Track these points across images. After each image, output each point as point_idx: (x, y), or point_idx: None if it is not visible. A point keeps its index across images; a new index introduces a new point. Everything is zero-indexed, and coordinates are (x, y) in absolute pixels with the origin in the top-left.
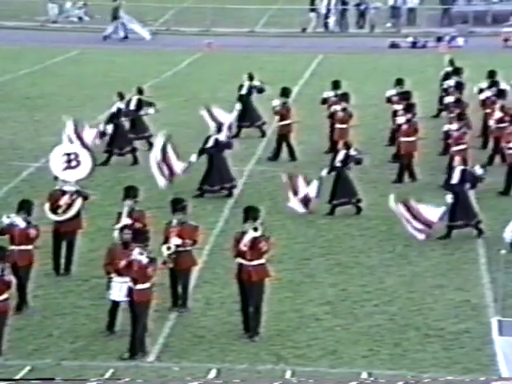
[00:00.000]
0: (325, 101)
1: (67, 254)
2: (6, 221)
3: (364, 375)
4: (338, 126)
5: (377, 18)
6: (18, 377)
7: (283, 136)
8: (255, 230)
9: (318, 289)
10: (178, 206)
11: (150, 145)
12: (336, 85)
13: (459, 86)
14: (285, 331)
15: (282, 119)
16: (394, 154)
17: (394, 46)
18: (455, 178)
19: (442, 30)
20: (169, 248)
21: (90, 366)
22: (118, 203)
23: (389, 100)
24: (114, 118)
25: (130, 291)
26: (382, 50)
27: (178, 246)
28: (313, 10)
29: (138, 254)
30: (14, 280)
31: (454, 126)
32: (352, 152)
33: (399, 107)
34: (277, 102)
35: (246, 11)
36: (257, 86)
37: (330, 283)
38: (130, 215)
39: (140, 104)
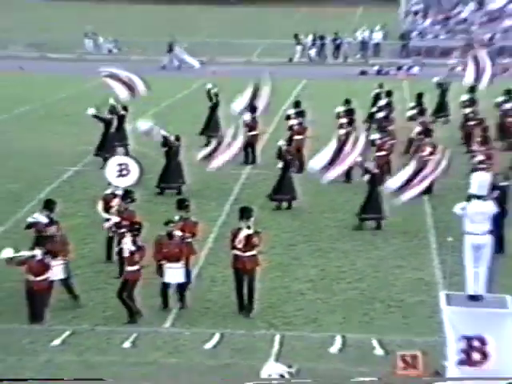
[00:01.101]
0: (288, 117)
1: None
2: (31, 219)
3: (338, 338)
4: (295, 137)
5: (349, 50)
6: (59, 340)
7: (251, 144)
8: (248, 228)
9: (303, 269)
10: (181, 204)
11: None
12: (297, 104)
13: (389, 105)
14: (275, 304)
15: (250, 130)
16: None
17: (362, 73)
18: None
19: (401, 61)
20: None
21: (117, 331)
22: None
23: (338, 115)
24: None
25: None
26: (353, 76)
27: (181, 237)
28: (298, 44)
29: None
30: (52, 263)
31: (377, 136)
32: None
33: (344, 121)
34: (248, 117)
35: (244, 45)
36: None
37: (312, 265)
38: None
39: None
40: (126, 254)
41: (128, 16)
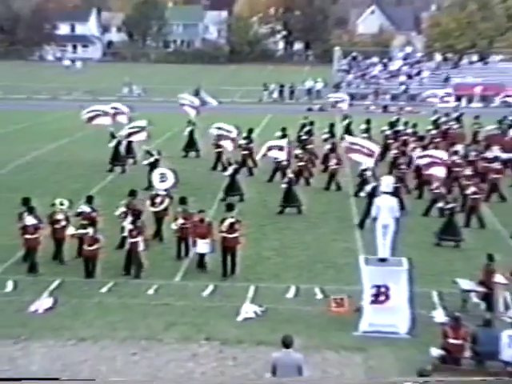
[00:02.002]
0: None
1: (157, 226)
2: (79, 209)
3: (293, 288)
4: (242, 152)
5: (299, 94)
6: (105, 288)
7: (219, 155)
8: (232, 217)
9: (269, 242)
10: (183, 200)
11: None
12: (250, 131)
13: (310, 131)
14: (250, 265)
15: (217, 147)
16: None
17: (309, 109)
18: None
19: (345, 97)
20: (176, 225)
21: (144, 283)
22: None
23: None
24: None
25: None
26: (302, 112)
27: (182, 224)
28: (265, 90)
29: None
30: (101, 237)
31: (299, 151)
32: None
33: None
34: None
35: (229, 90)
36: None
37: (275, 238)
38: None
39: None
40: (126, 232)
41: (152, 72)
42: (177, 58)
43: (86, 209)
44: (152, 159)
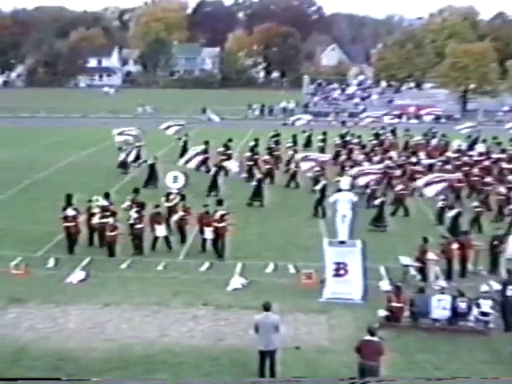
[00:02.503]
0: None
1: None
2: (99, 203)
3: (271, 264)
4: (221, 157)
5: (277, 112)
6: (125, 264)
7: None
8: (222, 210)
9: (253, 228)
10: (182, 197)
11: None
12: (229, 140)
13: (277, 141)
14: (238, 247)
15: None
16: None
17: (284, 124)
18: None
19: (305, 117)
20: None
21: (154, 261)
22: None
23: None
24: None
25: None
26: (278, 126)
27: (181, 216)
28: (249, 109)
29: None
30: (120, 225)
31: (267, 157)
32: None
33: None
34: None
35: (222, 109)
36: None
37: (257, 226)
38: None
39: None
40: (132, 220)
41: (161, 95)
42: (180, 84)
43: (104, 203)
44: (150, 162)
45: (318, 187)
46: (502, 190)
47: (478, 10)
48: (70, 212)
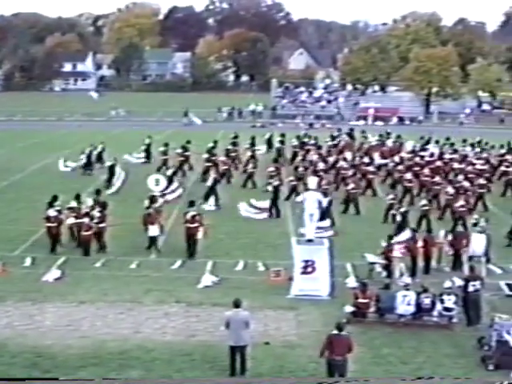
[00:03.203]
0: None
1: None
2: (89, 204)
3: (241, 262)
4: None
5: (246, 114)
6: (99, 263)
7: (181, 165)
8: (193, 211)
9: (223, 228)
10: (152, 199)
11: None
12: (188, 142)
13: (235, 143)
14: (209, 245)
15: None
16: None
17: (253, 126)
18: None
19: (272, 121)
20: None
21: (128, 260)
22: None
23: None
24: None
25: None
26: (248, 128)
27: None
28: (219, 112)
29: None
30: (94, 225)
31: (224, 158)
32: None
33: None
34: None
35: (193, 113)
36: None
37: (227, 225)
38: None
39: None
40: (96, 218)
41: (134, 98)
42: (152, 87)
43: (74, 204)
44: (109, 163)
45: (270, 187)
46: (450, 189)
47: (441, 16)
48: (52, 213)
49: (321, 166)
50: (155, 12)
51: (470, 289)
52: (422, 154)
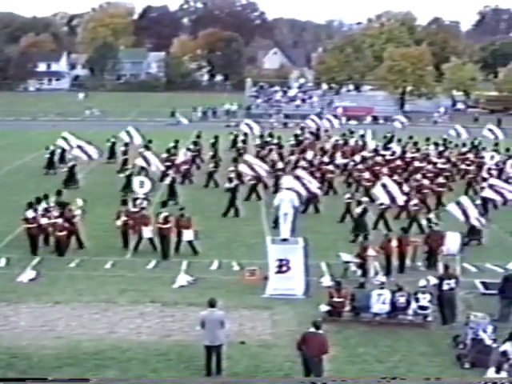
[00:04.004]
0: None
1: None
2: (79, 205)
3: (216, 262)
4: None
5: (220, 114)
6: (74, 263)
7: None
8: (165, 212)
9: (197, 227)
10: (124, 202)
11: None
12: (149, 142)
13: (196, 142)
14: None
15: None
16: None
17: (227, 126)
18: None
19: (246, 120)
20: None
21: (103, 260)
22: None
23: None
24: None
25: None
26: (222, 128)
27: (125, 220)
28: (194, 111)
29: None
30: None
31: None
32: None
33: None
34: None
35: (167, 111)
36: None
37: (202, 224)
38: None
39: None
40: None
41: (108, 98)
42: (126, 87)
43: (45, 205)
44: (70, 164)
45: (229, 186)
46: (405, 188)
47: (415, 16)
48: (30, 214)
49: (280, 165)
50: (129, 11)
51: (445, 287)
52: (383, 152)
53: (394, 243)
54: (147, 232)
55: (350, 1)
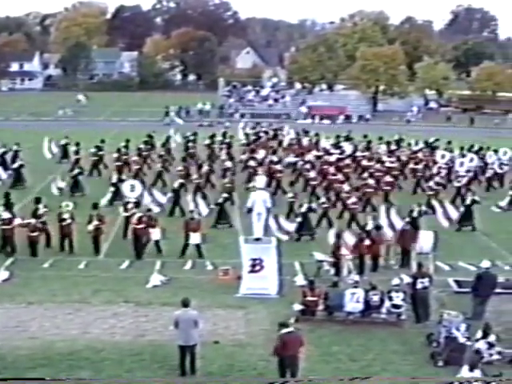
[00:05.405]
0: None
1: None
2: (69, 208)
3: (189, 261)
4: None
5: (194, 113)
6: (47, 263)
7: (96, 165)
8: (140, 212)
9: (171, 227)
10: (96, 206)
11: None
12: (102, 142)
13: (147, 142)
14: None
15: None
16: None
17: (200, 125)
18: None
19: (219, 120)
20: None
21: (76, 260)
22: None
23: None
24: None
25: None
26: (195, 128)
27: (96, 225)
28: (167, 112)
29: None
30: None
31: (136, 158)
32: None
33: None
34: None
35: (142, 112)
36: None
37: (176, 224)
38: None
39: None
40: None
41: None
42: (99, 87)
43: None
44: (17, 165)
45: (175, 185)
46: (345, 187)
47: (388, 15)
48: (6, 215)
49: (228, 164)
50: (102, 11)
51: (419, 286)
52: (333, 151)
53: (367, 242)
54: (156, 234)
55: (322, 0)
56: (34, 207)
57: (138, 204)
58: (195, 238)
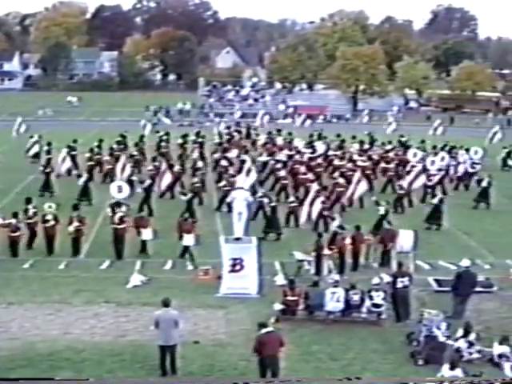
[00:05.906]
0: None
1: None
2: (52, 209)
3: (170, 261)
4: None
5: (174, 114)
6: (27, 264)
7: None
8: (121, 212)
9: (152, 227)
10: (76, 207)
11: None
12: (74, 141)
13: (119, 141)
14: (137, 245)
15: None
16: None
17: (181, 125)
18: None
19: (201, 119)
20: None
21: (57, 260)
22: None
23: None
24: None
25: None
26: (175, 127)
27: (76, 226)
28: (146, 111)
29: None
30: (22, 226)
31: (108, 157)
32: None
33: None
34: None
35: (122, 112)
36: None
37: (157, 224)
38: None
39: None
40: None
41: (61, 98)
42: (79, 87)
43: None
44: None
45: (145, 185)
46: (315, 186)
47: (368, 15)
48: None
49: (199, 164)
50: (82, 11)
51: (399, 285)
52: (304, 151)
53: (348, 241)
54: (147, 234)
55: (302, 0)
56: (23, 207)
57: (128, 205)
58: (188, 240)
